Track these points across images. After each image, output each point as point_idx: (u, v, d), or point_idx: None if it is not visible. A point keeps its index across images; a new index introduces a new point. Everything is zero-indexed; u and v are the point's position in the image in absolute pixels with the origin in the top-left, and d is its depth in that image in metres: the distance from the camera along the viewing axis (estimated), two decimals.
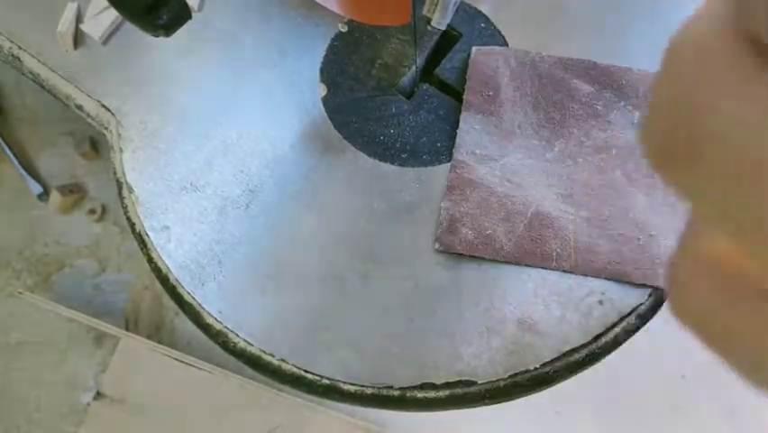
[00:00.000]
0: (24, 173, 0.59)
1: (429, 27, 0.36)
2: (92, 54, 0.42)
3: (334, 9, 0.39)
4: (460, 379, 0.34)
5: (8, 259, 0.58)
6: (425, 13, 0.35)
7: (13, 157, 0.60)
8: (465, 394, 0.34)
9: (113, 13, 0.42)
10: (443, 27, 0.36)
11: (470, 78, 0.40)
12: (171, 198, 0.38)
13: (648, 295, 0.35)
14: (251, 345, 0.35)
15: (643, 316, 0.35)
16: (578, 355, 0.34)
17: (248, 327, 0.35)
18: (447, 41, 0.43)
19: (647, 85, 0.39)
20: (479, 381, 0.34)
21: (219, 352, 0.36)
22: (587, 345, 0.34)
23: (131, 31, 0.42)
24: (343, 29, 0.43)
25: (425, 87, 0.41)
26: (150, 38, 0.30)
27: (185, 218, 0.37)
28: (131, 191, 0.38)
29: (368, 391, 0.32)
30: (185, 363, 0.52)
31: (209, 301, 0.35)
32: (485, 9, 0.43)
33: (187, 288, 0.36)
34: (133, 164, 0.39)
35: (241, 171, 0.38)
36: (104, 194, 0.61)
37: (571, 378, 0.34)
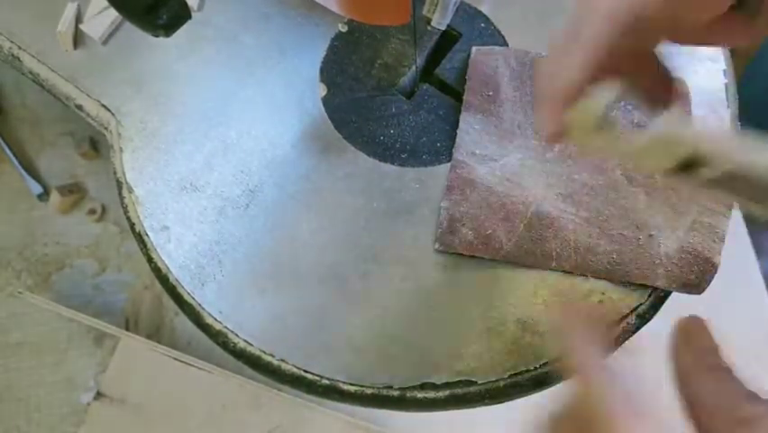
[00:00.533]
0: (24, 173, 0.59)
1: (429, 27, 0.36)
2: (92, 54, 0.42)
3: (334, 9, 0.39)
4: (460, 379, 0.34)
5: (8, 259, 0.58)
6: (425, 13, 0.35)
7: (13, 157, 0.60)
8: (465, 394, 0.34)
9: (113, 13, 0.42)
10: (443, 27, 0.36)
11: (469, 78, 0.40)
12: (171, 198, 0.38)
13: (648, 295, 0.35)
14: (250, 345, 0.35)
15: (643, 316, 0.35)
16: None
17: (248, 327, 0.35)
18: (447, 41, 0.43)
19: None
20: (479, 381, 0.34)
21: (219, 352, 0.36)
22: None
23: (131, 31, 0.42)
24: (343, 29, 0.43)
25: (425, 87, 0.41)
26: (150, 38, 0.30)
27: (185, 218, 0.37)
28: (131, 191, 0.38)
29: (368, 391, 0.32)
30: (185, 363, 0.51)
31: (209, 301, 0.35)
32: (485, 9, 0.43)
33: (187, 288, 0.36)
34: (133, 164, 0.39)
35: (241, 171, 0.38)
36: (104, 194, 0.61)
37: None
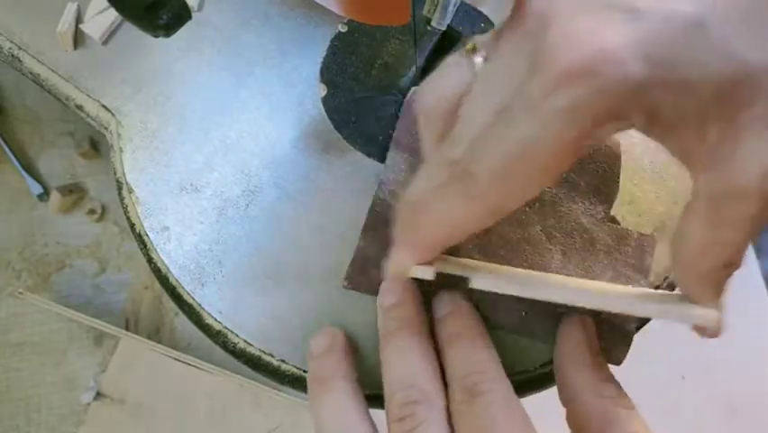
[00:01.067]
0: (24, 173, 0.59)
1: (429, 27, 0.36)
2: (92, 54, 0.42)
3: (334, 9, 0.39)
4: None
5: (8, 259, 0.58)
6: (425, 13, 0.35)
7: (13, 157, 0.60)
8: None
9: (113, 13, 0.42)
10: (443, 27, 0.36)
11: (402, 116, 0.39)
12: (171, 198, 0.38)
13: None
14: (250, 345, 0.35)
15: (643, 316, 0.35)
16: None
17: (248, 327, 0.35)
18: (447, 41, 0.43)
19: None
20: None
21: (219, 352, 0.36)
22: None
23: (131, 31, 0.42)
24: (343, 29, 0.43)
25: None
26: (150, 38, 0.30)
27: (185, 219, 0.37)
28: (131, 191, 0.38)
29: (367, 392, 0.32)
30: (185, 362, 0.52)
31: (209, 302, 0.35)
32: (485, 9, 0.43)
33: (187, 288, 0.36)
34: (133, 164, 0.39)
35: (241, 172, 0.38)
36: (104, 194, 0.61)
37: None
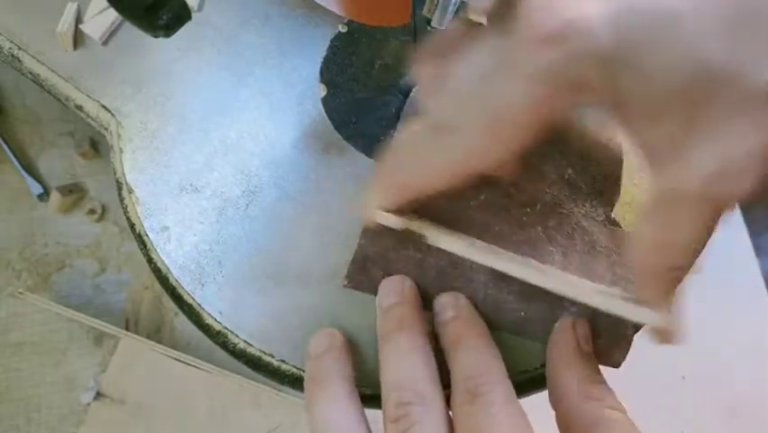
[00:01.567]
0: (24, 173, 0.59)
1: (429, 27, 0.36)
2: (92, 54, 0.42)
3: (334, 9, 0.39)
4: None
5: (8, 259, 0.58)
6: (424, 13, 0.35)
7: (13, 157, 0.60)
8: None
9: (113, 14, 0.42)
10: (443, 27, 0.36)
11: (403, 116, 0.39)
12: (171, 198, 0.38)
13: None
14: (250, 345, 0.35)
15: None
16: None
17: (248, 327, 0.35)
18: None
19: (588, 142, 0.37)
20: None
21: (219, 352, 0.36)
22: None
23: (131, 31, 0.42)
24: (343, 29, 0.43)
25: None
26: (151, 38, 0.30)
27: (185, 219, 0.37)
28: (131, 191, 0.38)
29: (368, 392, 0.32)
30: (185, 363, 0.51)
31: (209, 302, 0.35)
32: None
33: (187, 288, 0.36)
34: (133, 164, 0.39)
35: (241, 172, 0.38)
36: (104, 194, 0.61)
37: None
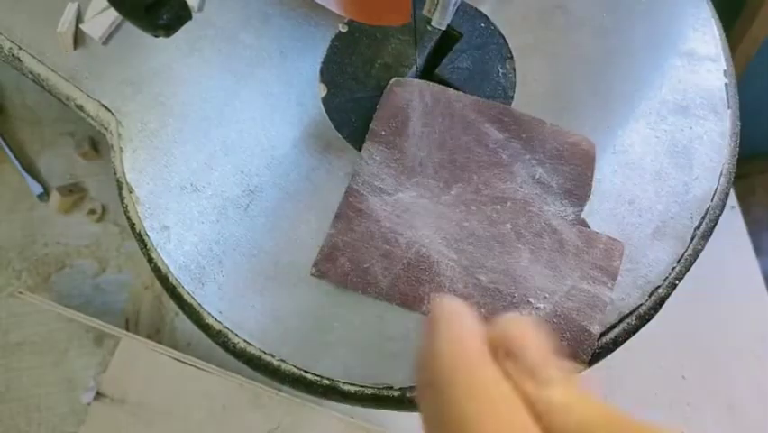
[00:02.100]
0: (24, 173, 0.59)
1: (429, 27, 0.36)
2: (92, 54, 0.42)
3: (334, 9, 0.39)
4: None
5: (8, 259, 0.58)
6: (425, 13, 0.35)
7: (13, 157, 0.60)
8: None
9: (113, 13, 0.42)
10: (443, 27, 0.36)
11: (380, 107, 0.39)
12: (171, 198, 0.38)
13: (648, 295, 0.35)
14: (250, 345, 0.35)
15: (643, 316, 0.35)
16: None
17: (248, 327, 0.35)
18: (447, 41, 0.43)
19: (558, 142, 0.38)
20: None
21: (219, 352, 0.36)
22: None
23: (131, 31, 0.42)
24: (343, 29, 0.43)
25: None
26: (151, 38, 0.30)
27: (185, 218, 0.37)
28: (131, 191, 0.38)
29: (368, 391, 0.32)
30: (185, 363, 0.51)
31: (209, 301, 0.35)
32: (485, 9, 0.43)
33: (187, 288, 0.36)
34: (133, 164, 0.39)
35: (241, 172, 0.38)
36: (104, 194, 0.61)
37: None
